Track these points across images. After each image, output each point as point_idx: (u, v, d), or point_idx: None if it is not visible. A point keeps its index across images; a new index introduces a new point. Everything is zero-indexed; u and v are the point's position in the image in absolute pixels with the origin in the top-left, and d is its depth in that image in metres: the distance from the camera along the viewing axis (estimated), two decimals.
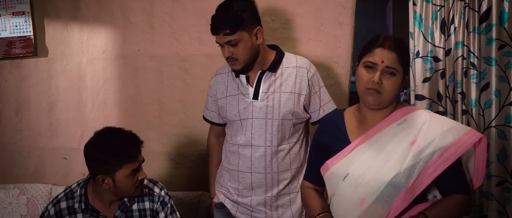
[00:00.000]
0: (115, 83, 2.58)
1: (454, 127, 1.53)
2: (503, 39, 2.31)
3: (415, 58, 2.36)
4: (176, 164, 2.57)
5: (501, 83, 2.34)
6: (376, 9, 4.54)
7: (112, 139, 1.81)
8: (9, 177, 2.64)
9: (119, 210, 1.88)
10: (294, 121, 1.96)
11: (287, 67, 1.97)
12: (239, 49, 1.88)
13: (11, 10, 2.56)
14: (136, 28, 2.53)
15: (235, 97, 1.99)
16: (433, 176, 1.46)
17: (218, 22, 1.87)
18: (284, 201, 2.00)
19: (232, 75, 2.02)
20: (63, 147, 2.64)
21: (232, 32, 1.85)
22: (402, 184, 1.46)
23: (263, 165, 1.95)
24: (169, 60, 2.52)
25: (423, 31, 2.35)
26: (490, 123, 2.36)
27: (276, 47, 2.03)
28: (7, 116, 2.64)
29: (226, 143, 2.08)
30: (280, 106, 1.93)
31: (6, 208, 2.43)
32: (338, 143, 1.61)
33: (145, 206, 1.93)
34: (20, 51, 2.58)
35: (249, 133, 1.96)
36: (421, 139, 1.50)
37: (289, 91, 1.94)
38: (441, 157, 1.47)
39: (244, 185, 1.99)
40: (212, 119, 2.14)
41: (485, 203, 2.39)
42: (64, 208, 1.86)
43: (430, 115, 1.57)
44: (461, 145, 1.48)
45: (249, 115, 1.95)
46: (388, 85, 1.50)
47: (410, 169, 1.47)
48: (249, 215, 2.01)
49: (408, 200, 1.47)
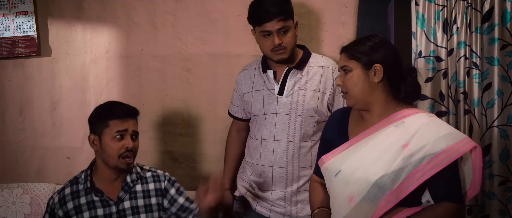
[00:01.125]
0: (118, 83, 2.59)
1: (450, 134, 1.49)
2: (506, 39, 2.31)
3: (418, 58, 2.37)
4: (179, 163, 2.58)
5: (504, 83, 2.34)
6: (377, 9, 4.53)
7: (107, 102, 1.98)
8: (12, 176, 2.65)
9: (122, 190, 1.90)
10: (317, 119, 2.00)
11: (313, 66, 2.03)
12: (288, 37, 1.93)
13: (15, 9, 2.57)
14: (139, 28, 2.54)
15: (260, 92, 2.04)
16: (420, 181, 1.45)
17: (272, 8, 1.89)
18: (304, 197, 2.03)
19: (259, 71, 2.08)
20: (66, 146, 2.65)
21: (286, 18, 1.90)
22: (387, 185, 1.47)
23: (284, 159, 1.99)
24: (172, 60, 2.53)
25: (426, 31, 2.36)
26: (492, 122, 2.36)
27: (303, 47, 2.09)
28: (10, 115, 2.65)
29: (249, 138, 2.14)
30: (304, 103, 1.97)
31: (10, 207, 2.44)
32: (338, 139, 1.65)
33: (149, 187, 1.94)
34: (24, 50, 2.59)
35: (273, 128, 2.01)
36: (413, 143, 1.48)
37: (314, 89, 1.99)
38: (430, 163, 1.45)
39: (265, 179, 2.04)
40: (236, 113, 2.20)
41: (487, 203, 2.39)
42: (68, 194, 1.90)
43: (429, 119, 1.54)
44: (453, 152, 1.45)
45: (274, 110, 2.00)
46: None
47: (397, 171, 1.47)
48: (268, 209, 2.05)
49: (392, 202, 1.47)
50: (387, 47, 1.55)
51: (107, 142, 1.84)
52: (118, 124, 1.84)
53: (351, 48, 1.57)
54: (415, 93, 1.57)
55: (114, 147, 1.84)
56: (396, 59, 1.55)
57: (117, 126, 1.84)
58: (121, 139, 1.84)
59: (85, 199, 1.88)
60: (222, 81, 2.49)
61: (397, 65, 1.56)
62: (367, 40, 1.56)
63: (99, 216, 1.87)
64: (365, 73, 1.54)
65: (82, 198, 1.88)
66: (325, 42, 2.38)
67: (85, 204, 1.87)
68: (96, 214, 1.87)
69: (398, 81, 1.55)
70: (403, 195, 1.47)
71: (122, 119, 1.85)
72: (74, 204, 1.87)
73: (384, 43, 1.56)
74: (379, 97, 1.56)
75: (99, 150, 1.87)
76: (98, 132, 1.87)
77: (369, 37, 1.57)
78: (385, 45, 1.55)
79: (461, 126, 2.35)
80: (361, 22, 2.46)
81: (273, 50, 1.95)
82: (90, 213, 1.87)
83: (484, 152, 2.38)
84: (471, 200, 2.37)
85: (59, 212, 1.88)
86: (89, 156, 2.59)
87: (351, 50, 1.57)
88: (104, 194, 1.88)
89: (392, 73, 1.54)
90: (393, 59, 1.54)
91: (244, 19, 2.42)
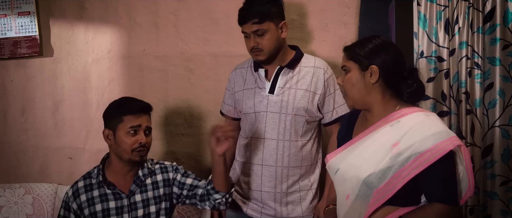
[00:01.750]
0: (120, 83, 2.59)
1: (439, 133, 1.46)
2: (507, 39, 2.32)
3: (420, 58, 2.37)
4: (181, 163, 2.57)
5: (505, 83, 2.34)
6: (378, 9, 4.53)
7: (122, 98, 2.00)
8: (14, 177, 2.66)
9: (134, 184, 1.95)
10: (307, 118, 2.01)
11: (305, 66, 2.03)
12: (264, 40, 1.94)
13: (17, 10, 2.58)
14: (141, 28, 2.54)
15: (251, 91, 2.05)
16: (405, 180, 1.45)
17: (247, 11, 1.94)
18: (294, 198, 2.02)
19: (251, 70, 2.09)
20: (68, 146, 2.65)
21: (260, 21, 1.92)
22: (374, 184, 1.48)
23: (274, 158, 2.00)
24: (174, 60, 2.53)
25: (428, 31, 2.36)
26: (494, 122, 2.36)
27: (296, 47, 2.10)
28: (12, 115, 2.65)
29: (240, 137, 2.14)
30: (294, 102, 1.98)
31: (12, 207, 2.44)
32: (344, 138, 1.68)
33: (157, 178, 1.99)
34: (26, 51, 2.59)
35: (263, 126, 2.01)
36: (403, 142, 1.48)
37: (304, 89, 2.00)
38: (415, 162, 1.44)
39: (255, 178, 2.03)
40: (228, 113, 2.20)
41: (489, 203, 2.40)
42: (81, 187, 1.95)
43: (425, 118, 1.52)
44: (437, 151, 1.42)
45: (264, 108, 2.01)
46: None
47: (384, 170, 1.47)
48: (259, 212, 2.05)
49: (380, 200, 1.48)
50: (387, 49, 1.54)
51: (121, 137, 1.89)
52: (132, 119, 1.89)
53: (351, 49, 1.59)
54: (417, 94, 1.57)
55: (128, 142, 1.88)
56: (397, 61, 1.55)
57: (131, 121, 1.89)
58: (134, 134, 1.89)
59: (98, 192, 1.93)
60: (224, 81, 2.47)
61: (398, 67, 1.55)
62: (367, 41, 1.56)
63: (111, 209, 1.91)
64: (361, 74, 1.56)
65: (95, 191, 1.93)
66: (327, 42, 2.38)
67: (98, 197, 1.92)
68: (108, 206, 1.91)
69: (399, 82, 1.55)
70: (390, 194, 1.47)
71: (136, 115, 1.90)
72: (86, 197, 1.92)
73: (385, 45, 1.56)
74: (377, 98, 1.57)
75: (113, 144, 1.91)
76: (112, 126, 1.91)
77: (371, 39, 1.57)
78: (385, 47, 1.55)
79: (463, 126, 2.35)
80: (362, 22, 2.47)
81: (251, 51, 1.99)
82: (102, 205, 1.91)
83: (485, 152, 2.39)
84: (473, 200, 2.38)
85: (73, 205, 1.93)
86: (91, 156, 2.61)
87: (350, 50, 1.58)
88: (116, 187, 1.93)
89: (392, 74, 1.54)
90: (393, 61, 1.54)
91: None
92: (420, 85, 1.56)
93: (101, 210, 1.90)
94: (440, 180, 1.47)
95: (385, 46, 1.55)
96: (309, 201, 2.04)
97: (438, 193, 1.48)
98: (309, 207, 2.04)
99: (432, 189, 1.48)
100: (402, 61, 1.56)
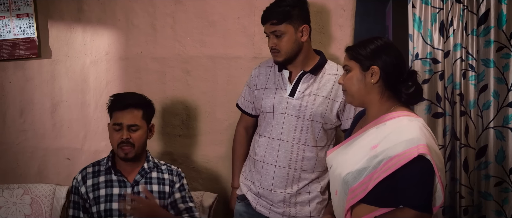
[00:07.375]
0: (118, 84, 2.60)
1: (412, 139, 1.45)
2: (501, 41, 2.34)
3: (414, 60, 2.39)
4: (178, 164, 2.59)
5: (499, 85, 2.36)
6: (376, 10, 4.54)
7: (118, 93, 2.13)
8: (13, 177, 2.67)
9: (139, 174, 2.03)
10: (324, 125, 2.04)
11: (327, 73, 2.06)
12: (282, 41, 1.97)
13: (15, 12, 2.59)
14: (138, 30, 2.56)
15: (272, 90, 2.08)
16: (375, 182, 1.46)
17: (267, 12, 1.99)
18: (303, 198, 2.06)
19: (274, 70, 2.11)
20: (66, 147, 2.67)
21: (278, 23, 1.95)
22: (350, 182, 1.52)
23: (288, 159, 2.03)
24: (171, 62, 2.55)
25: (422, 33, 2.38)
26: (488, 124, 2.38)
27: (320, 52, 2.12)
28: (11, 116, 2.67)
29: (256, 134, 2.17)
30: (312, 107, 2.01)
31: (10, 207, 2.46)
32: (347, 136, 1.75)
33: (164, 176, 2.09)
34: (24, 52, 2.61)
35: (280, 127, 2.04)
36: (381, 145, 1.50)
37: (324, 96, 2.02)
38: (385, 166, 1.46)
39: (267, 176, 2.06)
40: (246, 108, 2.23)
41: (483, 203, 2.42)
42: (90, 172, 2.05)
43: (406, 123, 1.51)
44: (404, 157, 1.43)
45: (283, 110, 2.04)
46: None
47: (360, 171, 1.51)
48: (268, 209, 2.09)
49: (354, 199, 1.51)
50: (388, 51, 1.57)
51: (110, 132, 2.00)
52: (117, 116, 1.99)
53: (353, 49, 1.62)
54: (415, 96, 1.59)
55: (114, 138, 1.99)
56: (397, 62, 1.57)
57: (116, 118, 1.99)
58: (118, 130, 1.97)
59: (104, 177, 2.01)
60: (221, 83, 2.51)
61: (398, 69, 1.57)
62: (369, 42, 1.59)
63: (114, 195, 1.98)
64: (362, 74, 1.59)
65: (102, 176, 2.02)
66: (322, 44, 2.40)
67: (103, 182, 2.00)
68: (112, 192, 1.98)
69: (398, 84, 1.57)
70: (363, 194, 1.49)
71: (121, 111, 1.98)
72: (93, 182, 2.01)
73: (387, 46, 1.58)
74: (374, 98, 1.59)
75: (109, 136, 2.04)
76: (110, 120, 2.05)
77: (373, 40, 1.60)
78: (387, 49, 1.57)
79: (457, 127, 2.37)
80: (359, 23, 2.48)
81: (271, 51, 2.03)
82: (106, 190, 1.98)
83: (480, 153, 2.41)
84: (468, 201, 2.40)
85: (81, 189, 2.01)
86: (89, 156, 2.62)
87: (353, 50, 1.62)
88: (123, 174, 2.01)
89: (392, 76, 1.56)
90: (394, 63, 1.56)
91: (242, 22, 2.45)
92: (418, 88, 1.58)
93: (105, 195, 1.97)
94: (410, 186, 1.47)
95: (387, 48, 1.58)
96: (317, 201, 2.07)
97: (407, 199, 1.48)
98: (317, 208, 2.07)
99: (402, 194, 1.48)
100: (403, 63, 1.59)
